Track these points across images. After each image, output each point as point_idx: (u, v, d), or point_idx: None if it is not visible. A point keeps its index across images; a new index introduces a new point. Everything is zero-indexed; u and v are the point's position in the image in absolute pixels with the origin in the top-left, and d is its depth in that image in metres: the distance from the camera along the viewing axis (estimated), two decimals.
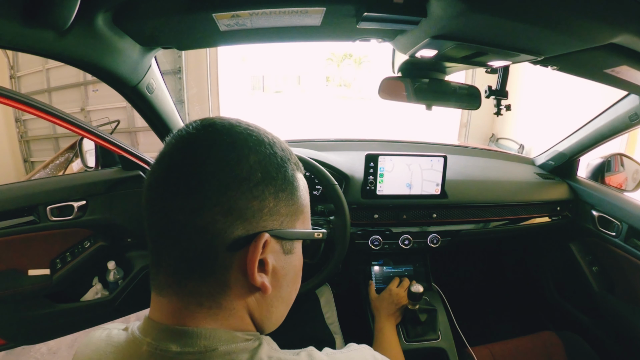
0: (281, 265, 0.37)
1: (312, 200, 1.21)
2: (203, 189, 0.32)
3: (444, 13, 0.54)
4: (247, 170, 0.33)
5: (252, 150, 0.34)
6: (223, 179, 0.32)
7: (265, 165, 0.34)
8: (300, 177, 0.40)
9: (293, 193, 0.37)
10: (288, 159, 0.38)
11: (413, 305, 0.98)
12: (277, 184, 0.35)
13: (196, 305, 0.34)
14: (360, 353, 0.40)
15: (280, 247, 0.37)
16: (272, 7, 0.60)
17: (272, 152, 0.36)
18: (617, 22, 0.52)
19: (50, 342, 1.61)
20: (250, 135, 0.35)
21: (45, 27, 0.51)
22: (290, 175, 0.37)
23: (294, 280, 0.41)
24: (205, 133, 0.34)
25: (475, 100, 1.02)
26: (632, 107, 0.98)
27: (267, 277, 0.35)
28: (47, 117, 0.88)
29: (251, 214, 0.33)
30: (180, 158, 0.34)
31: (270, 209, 0.34)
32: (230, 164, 0.33)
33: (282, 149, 0.37)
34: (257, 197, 0.33)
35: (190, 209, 0.32)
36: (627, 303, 1.09)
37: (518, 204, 1.18)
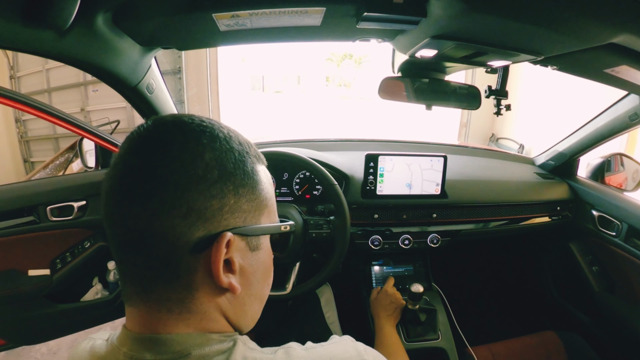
0: (249, 263, 0.36)
1: (312, 200, 1.21)
2: (159, 192, 0.31)
3: (444, 13, 0.54)
4: (203, 168, 0.32)
5: (207, 147, 0.33)
6: (178, 180, 0.31)
7: (221, 161, 0.33)
8: (262, 170, 0.38)
9: (254, 187, 0.36)
10: (247, 152, 0.36)
11: (413, 305, 0.98)
12: (237, 180, 0.34)
13: (166, 312, 0.33)
14: (342, 345, 0.39)
15: (245, 244, 0.36)
16: (272, 7, 0.60)
17: (228, 148, 0.34)
18: (617, 22, 0.52)
19: (51, 343, 1.61)
20: (204, 132, 0.34)
21: (45, 27, 0.51)
22: (250, 170, 0.36)
23: (264, 276, 0.40)
24: (157, 133, 0.33)
25: (475, 100, 1.02)
26: (632, 106, 0.98)
27: (234, 276, 0.35)
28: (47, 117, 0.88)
29: (211, 214, 0.32)
30: (133, 162, 0.32)
31: (231, 207, 0.33)
32: (184, 164, 0.31)
33: (239, 142, 0.36)
34: (215, 196, 0.32)
35: (148, 215, 0.31)
36: (627, 303, 1.09)
37: (518, 204, 1.18)
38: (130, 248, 0.32)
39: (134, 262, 0.33)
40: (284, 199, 1.11)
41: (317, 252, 1.17)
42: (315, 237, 0.93)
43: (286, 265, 0.96)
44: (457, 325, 1.05)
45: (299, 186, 1.12)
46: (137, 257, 0.32)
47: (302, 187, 1.12)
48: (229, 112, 5.08)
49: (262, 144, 1.38)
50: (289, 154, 0.93)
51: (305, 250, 0.95)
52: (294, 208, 0.95)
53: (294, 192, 1.12)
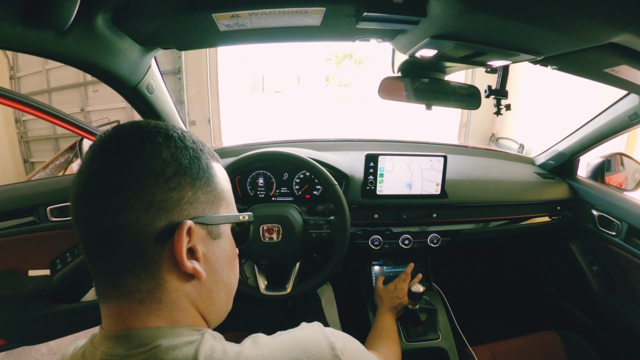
0: (211, 251, 0.39)
1: (312, 200, 1.21)
2: (122, 189, 0.33)
3: (444, 13, 0.54)
4: (161, 164, 0.35)
5: (163, 145, 0.36)
6: (139, 176, 0.34)
7: (177, 157, 0.36)
8: (217, 166, 0.41)
9: (210, 180, 0.39)
10: (201, 149, 0.39)
11: (413, 305, 0.98)
12: (193, 174, 0.37)
13: (138, 304, 0.35)
14: (309, 330, 0.41)
15: (207, 233, 0.38)
16: (271, 7, 0.60)
17: (183, 146, 0.37)
18: (617, 22, 0.52)
19: (51, 343, 1.61)
20: (159, 133, 0.37)
21: (45, 28, 0.51)
22: (205, 165, 0.39)
23: (228, 263, 0.42)
24: (117, 137, 0.36)
25: (475, 100, 1.02)
26: (632, 106, 0.98)
27: (198, 263, 0.37)
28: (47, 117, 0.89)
29: (171, 205, 0.35)
30: (98, 165, 0.35)
31: (190, 198, 0.36)
32: (143, 162, 0.34)
33: (192, 141, 0.39)
34: (174, 189, 0.35)
35: (113, 211, 0.33)
36: (627, 303, 1.09)
37: (518, 204, 1.18)
38: (99, 244, 0.35)
39: (104, 258, 0.35)
40: (284, 199, 1.11)
41: (317, 252, 1.17)
42: (315, 237, 0.93)
43: (286, 265, 0.96)
44: (457, 325, 1.05)
45: (299, 186, 1.12)
46: (106, 253, 0.34)
47: (302, 187, 1.12)
48: (229, 112, 5.08)
49: (262, 144, 1.38)
50: (289, 154, 0.93)
51: (305, 250, 0.95)
52: (294, 208, 0.95)
53: (294, 192, 1.12)
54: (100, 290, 0.36)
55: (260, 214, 0.92)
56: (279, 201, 1.11)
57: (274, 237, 0.91)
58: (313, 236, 0.93)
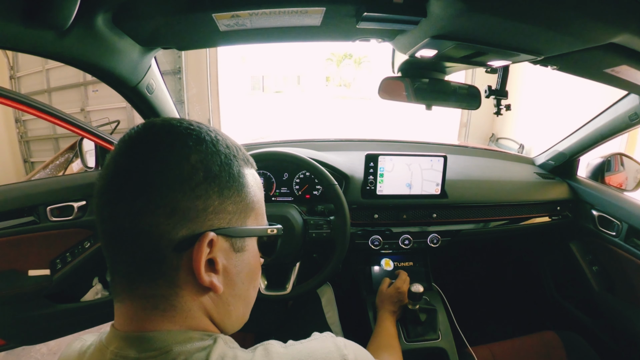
0: (233, 264, 0.37)
1: (312, 200, 1.21)
2: (146, 192, 0.32)
3: (444, 13, 0.54)
4: (189, 170, 0.33)
5: (193, 149, 0.34)
6: (164, 180, 0.32)
7: (207, 164, 0.34)
8: (250, 173, 0.39)
9: (240, 190, 0.37)
10: (234, 155, 0.37)
11: (413, 305, 0.98)
12: (222, 182, 0.35)
13: (152, 309, 0.34)
14: (321, 341, 0.40)
15: (230, 245, 0.36)
16: (271, 7, 0.60)
17: (214, 150, 0.35)
18: (617, 22, 0.52)
19: (51, 343, 1.61)
20: (190, 135, 0.35)
21: (45, 28, 0.51)
22: (236, 173, 0.37)
23: (249, 277, 0.40)
24: (147, 136, 0.35)
25: (475, 100, 1.02)
26: (632, 106, 0.98)
27: (217, 276, 0.35)
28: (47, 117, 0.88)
29: (195, 214, 0.33)
30: (123, 162, 0.34)
31: (216, 208, 0.34)
32: (170, 165, 0.33)
33: (226, 146, 0.37)
34: (200, 197, 0.33)
35: (135, 213, 0.32)
36: (627, 303, 1.09)
37: (518, 204, 1.18)
38: (118, 245, 0.34)
39: (122, 258, 0.34)
40: (284, 199, 1.11)
41: (317, 252, 1.17)
42: (315, 237, 0.93)
43: (286, 265, 0.96)
44: (457, 325, 1.05)
45: (299, 186, 1.12)
46: (124, 254, 0.34)
47: (302, 187, 1.12)
48: (229, 112, 5.08)
49: (262, 144, 1.38)
50: (289, 154, 0.93)
51: (305, 250, 0.95)
52: (294, 208, 0.95)
53: (294, 192, 1.12)
54: (116, 289, 0.35)
55: None
56: (279, 201, 1.11)
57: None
58: (313, 236, 0.93)
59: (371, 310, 1.08)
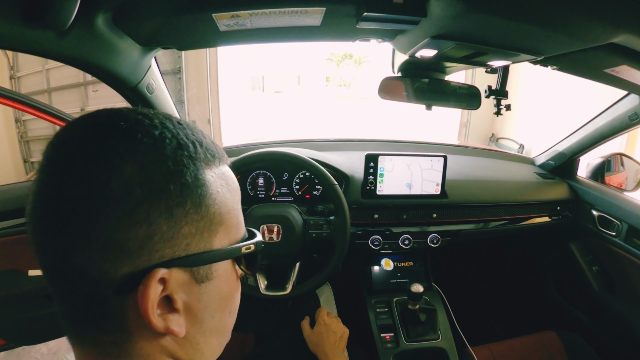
0: (196, 298, 0.30)
1: (312, 200, 1.21)
2: (69, 222, 0.25)
3: (444, 13, 0.54)
4: (120, 188, 0.25)
5: (125, 157, 0.25)
6: (90, 206, 0.25)
7: (147, 175, 0.26)
8: (216, 175, 0.30)
9: (199, 204, 0.28)
10: (190, 156, 0.28)
11: (413, 305, 0.98)
12: (170, 199, 0.26)
13: (104, 356, 0.28)
14: None
15: (190, 276, 0.29)
16: (272, 7, 0.60)
17: (158, 154, 0.26)
18: (617, 22, 0.52)
19: (50, 343, 1.61)
20: (123, 135, 0.26)
21: (45, 28, 0.51)
22: (192, 180, 0.28)
23: (221, 307, 0.32)
24: (67, 142, 0.27)
25: (475, 100, 1.02)
26: (632, 106, 0.98)
27: (177, 315, 0.29)
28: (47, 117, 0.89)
29: (137, 246, 0.26)
30: (42, 181, 0.26)
31: (164, 234, 0.26)
32: (95, 184, 0.25)
33: (177, 144, 0.28)
34: (140, 223, 0.25)
35: (63, 249, 0.25)
36: (627, 303, 1.09)
37: (518, 204, 1.18)
38: (55, 284, 0.28)
39: (62, 299, 0.28)
40: (284, 199, 1.11)
41: (317, 252, 1.17)
42: (315, 237, 0.93)
43: (286, 265, 0.96)
44: (457, 325, 1.05)
45: (299, 186, 1.12)
46: (63, 295, 0.28)
47: (302, 187, 1.12)
48: (229, 112, 5.08)
49: (262, 144, 1.38)
50: (289, 154, 0.93)
51: (305, 250, 0.95)
52: (294, 208, 0.95)
53: (294, 192, 1.12)
54: (66, 331, 0.29)
55: (260, 214, 0.92)
56: (279, 201, 1.11)
57: (274, 237, 0.91)
58: (313, 236, 0.93)
59: (371, 311, 1.08)
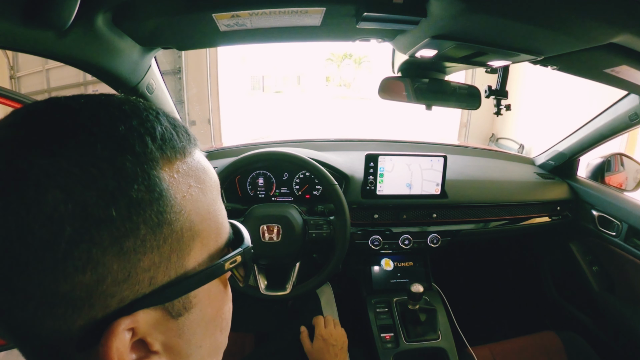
0: (176, 335, 0.24)
1: (312, 200, 1.21)
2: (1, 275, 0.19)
3: (444, 13, 0.54)
4: (44, 227, 0.18)
5: (42, 183, 0.18)
6: (13, 258, 0.19)
7: (77, 202, 0.19)
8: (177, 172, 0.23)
9: (160, 223, 0.21)
10: (139, 160, 0.21)
11: (413, 305, 0.98)
12: (116, 228, 0.20)
13: None
14: None
15: (163, 312, 0.23)
16: (272, 7, 0.60)
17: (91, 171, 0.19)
18: (617, 22, 0.52)
19: None
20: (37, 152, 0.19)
21: (45, 28, 0.51)
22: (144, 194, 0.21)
23: (208, 333, 0.27)
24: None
25: (475, 100, 1.02)
26: (632, 106, 0.98)
27: (157, 357, 0.24)
28: None
29: (84, 296, 0.20)
30: None
31: (117, 274, 0.20)
32: (10, 231, 0.18)
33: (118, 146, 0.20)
34: (81, 268, 0.19)
35: (3, 309, 0.20)
36: (627, 303, 1.09)
37: (518, 204, 1.18)
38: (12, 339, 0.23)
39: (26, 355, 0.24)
40: (284, 199, 1.11)
41: (317, 252, 1.17)
42: (315, 237, 0.93)
43: (286, 265, 0.96)
44: (457, 325, 1.05)
45: (299, 186, 1.12)
46: (26, 351, 0.23)
47: (302, 187, 1.12)
48: (229, 112, 5.08)
49: (262, 144, 1.38)
50: (289, 154, 0.93)
51: (305, 250, 0.95)
52: (294, 208, 0.95)
53: (294, 192, 1.12)
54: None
55: (260, 214, 0.92)
56: (279, 201, 1.11)
57: (274, 237, 0.91)
58: (313, 236, 0.93)
59: (371, 311, 1.08)
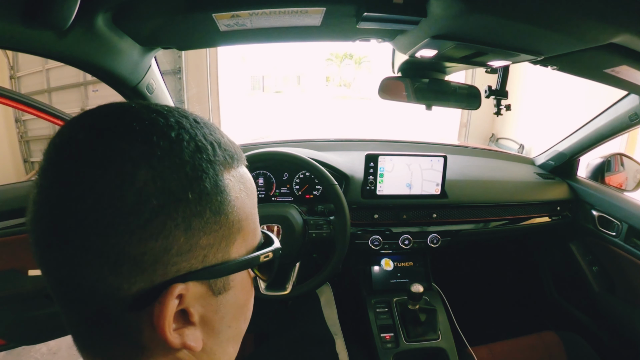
0: (213, 310, 0.28)
1: (312, 200, 1.21)
2: (76, 236, 0.23)
3: (444, 13, 0.54)
4: (134, 198, 0.23)
5: (139, 163, 0.23)
6: (99, 218, 0.22)
7: (163, 183, 0.23)
8: (234, 179, 0.28)
9: (219, 212, 0.26)
10: (209, 160, 0.26)
11: (413, 305, 0.98)
12: (188, 209, 0.24)
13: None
14: None
15: (207, 288, 0.27)
16: (272, 7, 0.60)
17: (175, 161, 0.24)
18: (617, 22, 0.52)
19: (51, 342, 1.61)
20: (135, 138, 0.24)
21: (45, 27, 0.51)
22: (211, 187, 0.26)
23: (236, 317, 0.31)
24: (73, 142, 0.24)
25: (475, 100, 1.02)
26: (632, 107, 0.98)
27: (194, 329, 0.27)
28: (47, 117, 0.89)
29: (151, 260, 0.24)
30: (46, 188, 0.24)
31: (181, 247, 0.24)
32: (105, 193, 0.22)
33: (195, 147, 0.26)
34: (155, 236, 0.23)
35: (68, 265, 0.23)
36: (627, 303, 1.09)
37: (518, 204, 1.18)
38: (61, 298, 0.26)
39: (70, 312, 0.26)
40: (284, 199, 1.11)
41: (317, 252, 1.17)
42: (315, 237, 0.93)
43: (286, 265, 0.96)
44: (457, 325, 1.05)
45: (299, 186, 1.12)
46: (70, 309, 0.26)
47: (302, 187, 1.12)
48: (229, 112, 5.08)
49: (262, 144, 1.38)
50: (289, 154, 0.93)
51: (305, 250, 0.95)
52: (294, 208, 0.95)
53: (294, 192, 1.12)
54: (77, 345, 0.28)
55: (260, 214, 0.91)
56: (279, 201, 1.11)
57: None
58: (313, 236, 0.93)
59: (371, 311, 1.08)
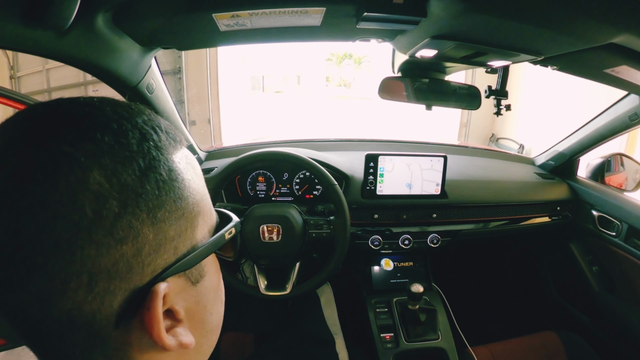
0: (195, 301, 0.27)
1: (312, 200, 1.21)
2: (37, 264, 0.19)
3: (444, 13, 0.54)
4: (92, 205, 0.20)
5: (88, 165, 0.20)
6: (58, 237, 0.19)
7: (119, 179, 0.21)
8: (181, 159, 0.26)
9: (178, 198, 0.24)
10: (158, 146, 0.24)
11: (413, 305, 0.98)
12: (150, 201, 0.22)
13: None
14: None
15: (185, 280, 0.26)
16: (272, 7, 0.60)
17: (127, 153, 0.22)
18: (617, 22, 0.52)
19: None
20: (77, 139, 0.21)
21: (45, 28, 0.51)
22: (167, 173, 0.24)
23: (215, 301, 0.31)
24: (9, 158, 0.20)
25: (475, 100, 1.02)
26: (632, 107, 0.98)
27: (182, 327, 0.26)
28: None
29: (126, 267, 0.22)
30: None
31: (152, 244, 0.23)
32: (58, 211, 0.19)
33: (142, 135, 0.23)
34: (124, 239, 0.21)
35: (37, 300, 0.20)
36: (627, 303, 1.09)
37: (518, 204, 1.18)
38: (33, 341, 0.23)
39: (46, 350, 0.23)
40: (284, 199, 1.11)
41: (317, 252, 1.17)
42: (315, 237, 0.93)
43: (286, 265, 0.96)
44: (457, 325, 1.05)
45: (299, 186, 1.12)
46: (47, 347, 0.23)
47: (302, 187, 1.12)
48: (229, 112, 5.09)
49: (262, 144, 1.38)
50: (289, 154, 0.93)
51: (305, 250, 0.95)
52: (294, 208, 0.95)
53: (294, 192, 1.12)
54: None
55: (260, 214, 0.92)
56: (279, 201, 1.11)
57: (274, 237, 0.91)
58: (313, 236, 0.93)
59: (371, 310, 1.08)
